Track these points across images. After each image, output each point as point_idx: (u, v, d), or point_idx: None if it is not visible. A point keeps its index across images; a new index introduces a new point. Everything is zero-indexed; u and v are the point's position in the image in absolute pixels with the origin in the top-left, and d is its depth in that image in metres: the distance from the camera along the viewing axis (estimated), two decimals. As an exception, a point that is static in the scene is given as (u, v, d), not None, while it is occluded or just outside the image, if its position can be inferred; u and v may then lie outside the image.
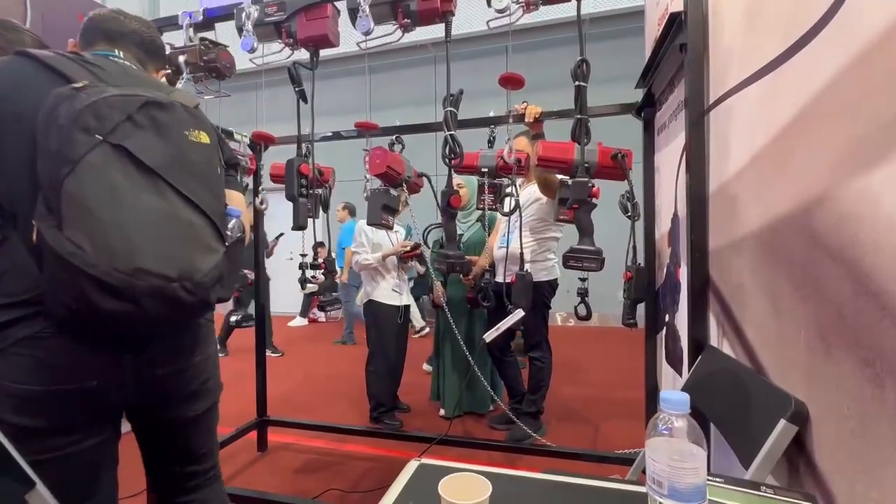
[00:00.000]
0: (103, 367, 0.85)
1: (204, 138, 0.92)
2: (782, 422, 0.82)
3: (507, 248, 2.09)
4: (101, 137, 0.78)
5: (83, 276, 0.74)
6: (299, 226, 1.70)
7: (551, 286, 2.58)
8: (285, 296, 6.50)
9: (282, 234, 5.26)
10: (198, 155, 0.89)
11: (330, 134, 2.30)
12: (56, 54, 0.87)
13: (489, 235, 2.68)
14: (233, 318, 2.13)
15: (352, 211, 5.47)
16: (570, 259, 1.43)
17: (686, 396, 0.58)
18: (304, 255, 1.97)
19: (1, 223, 0.82)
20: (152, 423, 1.00)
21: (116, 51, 0.98)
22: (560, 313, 6.19)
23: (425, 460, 0.82)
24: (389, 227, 1.82)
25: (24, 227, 0.80)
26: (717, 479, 0.71)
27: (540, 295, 2.49)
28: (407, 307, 2.92)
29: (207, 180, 0.90)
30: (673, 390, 0.60)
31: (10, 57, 0.84)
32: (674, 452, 0.57)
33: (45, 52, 0.86)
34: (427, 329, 5.83)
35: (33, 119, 0.78)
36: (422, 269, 4.35)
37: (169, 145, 0.85)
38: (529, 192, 2.52)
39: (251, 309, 2.43)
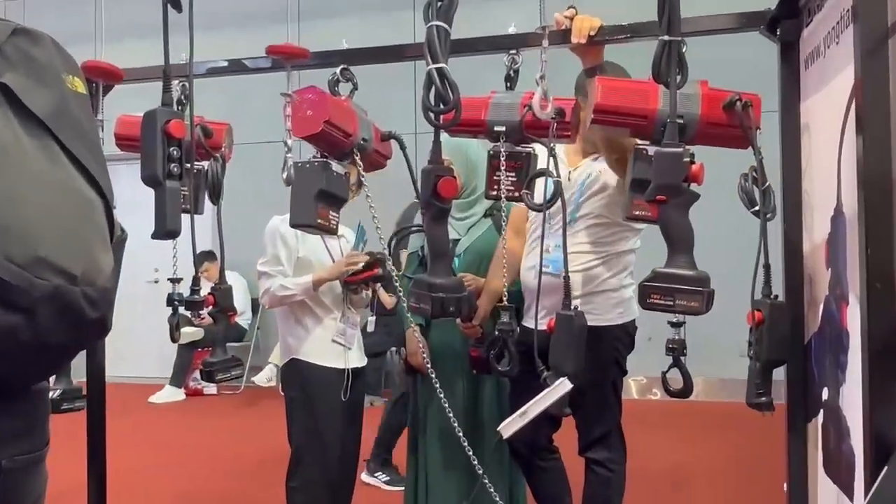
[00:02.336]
0: None
1: (80, 87, 1.05)
2: None
3: (543, 267, 2.07)
4: None
5: None
6: (167, 230, 1.67)
7: (628, 333, 2.56)
8: (146, 348, 6.46)
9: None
10: (80, 109, 1.04)
11: (224, 64, 2.29)
12: None
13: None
14: (49, 394, 2.11)
15: None
16: (652, 292, 1.42)
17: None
18: (176, 281, 1.94)
19: None
20: None
21: None
22: (635, 379, 6.19)
23: None
24: (332, 231, 1.80)
25: None
26: None
27: (609, 350, 2.48)
28: (358, 371, 2.90)
29: (93, 144, 1.05)
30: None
31: None
32: None
33: None
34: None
35: None
36: (390, 303, 4.35)
37: (50, 91, 0.98)
38: (587, 169, 2.50)
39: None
